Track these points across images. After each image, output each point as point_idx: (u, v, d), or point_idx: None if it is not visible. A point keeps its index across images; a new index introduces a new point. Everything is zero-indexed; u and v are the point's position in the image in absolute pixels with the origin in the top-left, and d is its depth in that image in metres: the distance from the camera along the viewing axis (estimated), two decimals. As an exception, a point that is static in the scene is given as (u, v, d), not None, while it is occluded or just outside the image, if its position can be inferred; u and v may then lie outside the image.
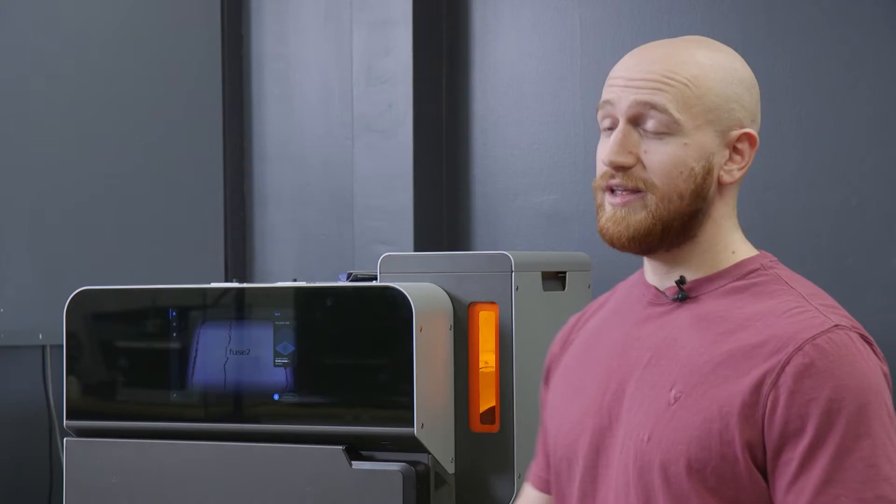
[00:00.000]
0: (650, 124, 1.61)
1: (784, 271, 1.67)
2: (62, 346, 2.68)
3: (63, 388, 2.67)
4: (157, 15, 3.53)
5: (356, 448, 2.44)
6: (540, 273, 2.58)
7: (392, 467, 2.39)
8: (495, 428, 2.50)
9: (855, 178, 2.93)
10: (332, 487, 2.42)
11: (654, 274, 1.69)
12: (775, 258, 1.70)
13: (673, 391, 1.59)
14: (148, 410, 2.61)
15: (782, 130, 2.99)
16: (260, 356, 2.52)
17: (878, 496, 1.50)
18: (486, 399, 2.52)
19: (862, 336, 1.58)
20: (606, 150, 1.63)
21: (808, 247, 2.95)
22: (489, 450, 2.49)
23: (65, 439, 2.66)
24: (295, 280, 2.74)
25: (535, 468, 1.87)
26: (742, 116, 1.65)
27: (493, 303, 2.49)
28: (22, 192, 3.25)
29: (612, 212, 1.64)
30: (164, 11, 3.53)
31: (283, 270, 3.52)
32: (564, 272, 2.66)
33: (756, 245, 1.73)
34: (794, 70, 2.98)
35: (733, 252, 1.67)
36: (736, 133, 1.64)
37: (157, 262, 3.43)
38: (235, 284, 2.61)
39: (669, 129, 1.61)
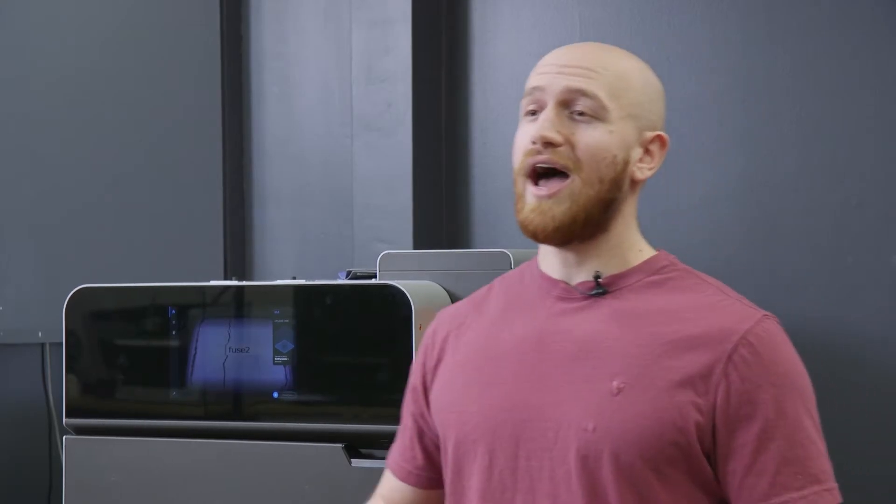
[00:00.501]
0: (579, 109, 1.67)
1: (690, 268, 1.74)
2: (62, 344, 2.68)
3: (62, 386, 2.67)
4: (156, 14, 3.53)
5: (355, 446, 2.44)
6: (539, 271, 2.57)
7: (391, 465, 2.38)
8: (495, 426, 2.49)
9: (854, 177, 2.93)
10: (332, 485, 2.42)
11: (562, 268, 1.73)
12: (675, 257, 1.76)
13: (615, 382, 1.64)
14: (147, 408, 2.61)
15: (782, 129, 2.99)
16: (259, 354, 2.52)
17: (822, 469, 1.65)
18: (486, 397, 2.51)
19: (778, 322, 1.69)
20: (536, 127, 1.68)
21: (808, 246, 2.95)
22: (488, 448, 2.48)
23: (64, 437, 2.66)
24: (294, 278, 2.74)
25: (401, 461, 1.89)
26: (656, 120, 1.73)
27: (492, 301, 2.49)
28: (22, 191, 3.25)
29: (537, 203, 1.68)
30: (163, 11, 3.54)
31: (283, 269, 3.52)
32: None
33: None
34: (793, 69, 2.98)
35: (640, 250, 1.73)
36: (650, 134, 1.71)
37: (157, 261, 3.43)
38: (235, 283, 2.61)
39: (598, 115, 1.67)
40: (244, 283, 2.61)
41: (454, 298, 2.50)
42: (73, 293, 2.66)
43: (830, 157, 2.95)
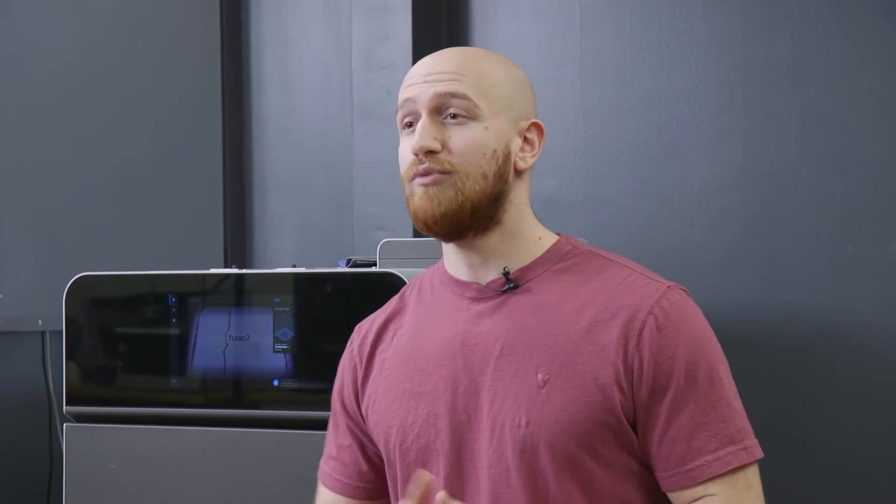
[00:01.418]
0: (452, 112, 1.72)
1: (592, 248, 1.79)
2: (62, 331, 2.68)
3: (63, 373, 2.67)
4: (156, 2, 3.52)
5: (355, 433, 2.44)
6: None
7: (391, 453, 2.39)
8: (494, 413, 2.50)
9: (855, 166, 2.92)
10: (332, 473, 2.42)
11: (468, 269, 1.77)
12: (573, 237, 1.81)
13: (540, 374, 1.69)
14: (147, 396, 2.61)
15: (782, 118, 2.98)
16: (259, 342, 2.52)
17: (738, 429, 1.69)
18: (486, 385, 2.52)
19: (685, 291, 1.74)
20: (414, 138, 1.73)
21: (809, 235, 2.95)
22: (488, 435, 2.49)
23: (64, 425, 2.66)
24: (294, 266, 2.74)
25: (335, 473, 1.91)
26: (528, 109, 1.77)
27: (492, 288, 2.49)
28: (21, 179, 3.25)
29: (424, 191, 1.72)
30: (163, -2, 3.53)
31: (283, 256, 3.52)
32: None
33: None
34: (793, 57, 2.98)
35: (539, 238, 1.77)
36: (525, 123, 1.76)
37: (157, 249, 3.43)
38: (235, 270, 2.61)
39: (470, 115, 1.72)
40: (244, 270, 2.61)
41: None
42: (74, 281, 2.66)
43: (831, 146, 2.95)
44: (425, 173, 1.72)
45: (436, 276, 1.84)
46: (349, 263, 2.67)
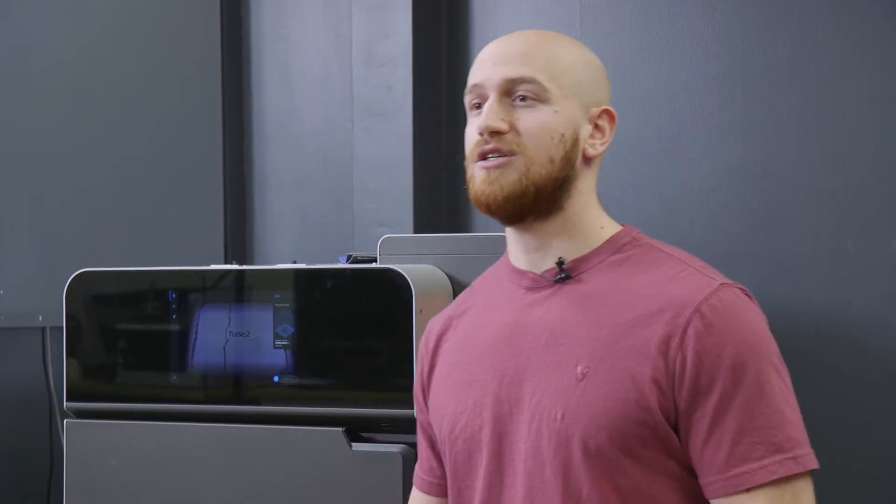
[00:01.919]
0: (521, 94, 1.70)
1: (654, 241, 1.75)
2: (62, 328, 2.68)
3: (63, 369, 2.67)
4: (156, -2, 3.52)
5: (356, 430, 2.44)
6: (539, 256, 2.57)
7: (392, 449, 2.39)
8: (495, 410, 2.50)
9: (855, 163, 2.93)
10: (332, 469, 2.42)
11: (525, 256, 1.75)
12: (639, 230, 1.77)
13: (579, 367, 1.65)
14: (148, 392, 2.61)
15: (782, 116, 2.98)
16: (260, 338, 2.52)
17: (787, 437, 1.61)
18: (486, 381, 2.52)
19: (742, 290, 1.67)
20: (481, 118, 1.70)
21: (808, 232, 2.95)
22: (488, 432, 2.49)
23: (65, 421, 2.66)
24: (295, 262, 2.74)
25: (421, 472, 1.91)
26: (601, 96, 1.75)
27: (492, 285, 2.49)
28: (22, 175, 3.25)
29: (486, 174, 1.70)
30: (163, -6, 3.53)
31: (283, 253, 3.52)
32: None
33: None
34: (793, 55, 2.98)
35: (602, 227, 1.75)
36: (597, 110, 1.74)
37: (157, 245, 3.43)
38: (235, 266, 2.61)
39: (540, 97, 1.70)
40: (244, 266, 2.61)
41: (454, 282, 2.51)
42: (74, 277, 2.66)
43: (830, 143, 2.95)
44: (490, 153, 1.70)
45: (502, 266, 1.82)
46: (349, 259, 2.67)
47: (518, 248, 1.77)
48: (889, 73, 2.90)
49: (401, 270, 2.40)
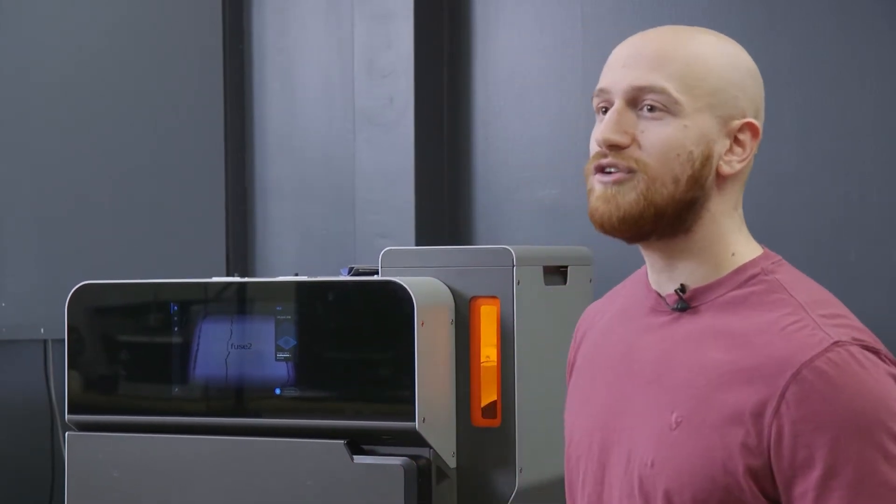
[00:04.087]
0: (648, 104, 1.52)
1: (786, 275, 1.56)
2: (64, 340, 2.68)
3: (65, 382, 2.67)
4: (158, 9, 3.53)
5: (357, 442, 2.44)
6: (541, 267, 2.57)
7: (393, 461, 2.39)
8: (497, 422, 2.50)
9: (856, 172, 2.93)
10: (334, 481, 2.42)
11: (653, 274, 1.60)
12: (779, 258, 1.60)
13: (674, 414, 1.51)
14: (149, 405, 2.61)
15: (783, 122, 2.98)
16: (261, 350, 2.52)
17: None
18: (488, 393, 2.52)
19: (866, 347, 1.47)
20: (601, 128, 1.54)
21: (810, 241, 2.95)
22: (490, 444, 2.49)
23: (66, 433, 2.66)
24: (296, 274, 2.74)
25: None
26: (745, 106, 1.55)
27: (494, 297, 2.49)
28: (24, 187, 3.25)
29: (603, 190, 1.53)
30: (165, 6, 3.54)
31: (285, 265, 3.52)
32: (566, 266, 2.66)
33: (760, 239, 1.67)
34: (795, 63, 2.98)
35: (733, 254, 1.56)
36: (738, 122, 1.54)
37: (159, 257, 3.43)
38: (237, 279, 2.61)
39: (668, 110, 1.52)
40: (246, 279, 2.61)
41: (456, 295, 2.50)
42: (75, 289, 2.66)
43: (832, 152, 2.95)
44: (608, 168, 1.52)
45: (640, 273, 1.67)
46: (351, 272, 2.67)
47: (647, 261, 1.61)
48: (891, 80, 2.90)
49: (403, 283, 2.40)
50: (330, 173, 3.50)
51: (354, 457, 2.42)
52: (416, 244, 3.26)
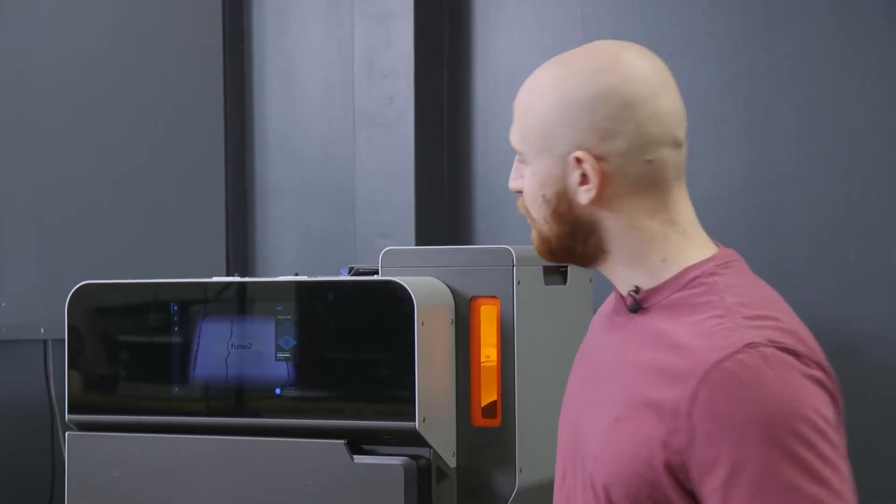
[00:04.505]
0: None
1: (726, 278, 1.59)
2: (64, 340, 2.68)
3: (65, 382, 2.67)
4: (158, 10, 3.53)
5: (358, 442, 2.44)
6: (541, 267, 2.57)
7: (393, 461, 2.39)
8: (497, 422, 2.50)
9: (857, 172, 2.93)
10: (334, 481, 2.42)
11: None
12: (729, 261, 1.63)
13: (615, 411, 1.56)
14: (149, 405, 2.61)
15: (783, 122, 2.98)
16: (261, 350, 2.52)
17: None
18: (488, 393, 2.52)
19: (783, 348, 1.50)
20: None
21: (810, 241, 2.95)
22: (491, 444, 2.49)
23: (66, 433, 2.66)
24: (296, 274, 2.74)
25: None
26: (577, 139, 1.58)
27: (494, 297, 2.49)
28: (24, 187, 3.25)
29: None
30: (165, 6, 3.54)
31: (285, 264, 3.52)
32: (566, 267, 2.66)
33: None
34: (795, 64, 2.98)
35: (664, 260, 1.60)
36: (571, 158, 1.58)
37: (159, 257, 3.43)
38: (237, 279, 2.61)
39: (524, 160, 1.64)
40: (246, 279, 2.61)
41: (456, 295, 2.50)
42: (76, 289, 2.66)
43: (832, 153, 2.95)
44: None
45: None
46: (351, 272, 2.67)
47: None
48: (891, 81, 2.90)
49: (403, 283, 2.40)
50: (330, 173, 3.50)
51: (354, 457, 2.42)
52: (416, 244, 3.26)
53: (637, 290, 1.61)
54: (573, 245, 1.62)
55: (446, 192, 3.37)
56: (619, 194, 1.59)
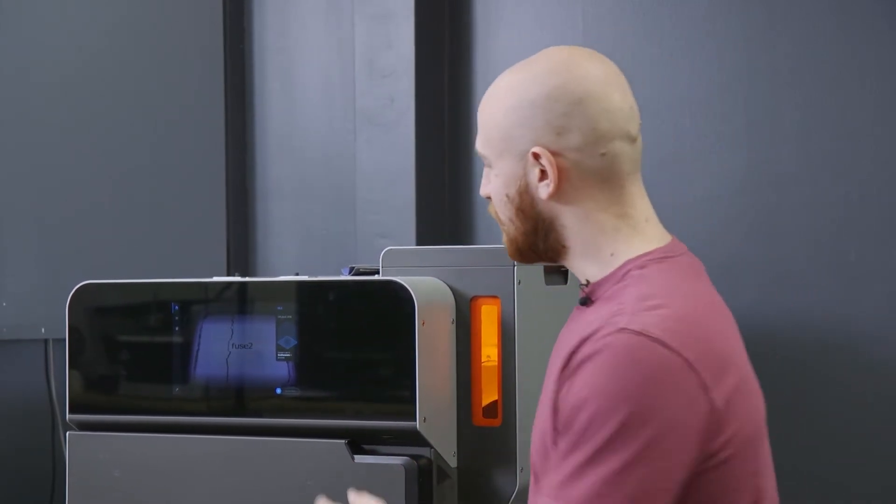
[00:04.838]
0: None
1: (650, 270, 1.67)
2: (64, 340, 2.68)
3: (65, 382, 2.67)
4: (159, 10, 3.53)
5: (358, 442, 2.44)
6: (542, 267, 2.58)
7: (394, 461, 2.39)
8: (497, 422, 2.50)
9: (857, 172, 2.93)
10: (335, 481, 2.42)
11: None
12: (663, 256, 1.69)
13: (550, 387, 1.66)
14: (150, 404, 2.61)
15: (783, 122, 2.98)
16: (262, 350, 2.52)
17: (570, 497, 1.55)
18: (489, 393, 2.52)
19: (655, 340, 1.56)
20: None
21: (810, 241, 2.95)
22: (491, 444, 2.49)
23: (67, 433, 2.66)
24: (297, 274, 2.74)
25: None
26: (534, 136, 1.68)
27: (495, 297, 2.49)
28: (24, 186, 3.25)
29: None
30: (166, 6, 3.54)
31: (286, 264, 3.52)
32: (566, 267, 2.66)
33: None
34: (795, 65, 2.98)
35: (612, 254, 1.70)
36: (529, 154, 1.68)
37: (160, 257, 3.43)
38: (238, 278, 2.61)
39: (488, 164, 1.73)
40: (247, 279, 2.61)
41: (457, 294, 2.50)
42: (76, 289, 2.66)
43: (832, 154, 2.95)
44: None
45: None
46: (352, 271, 2.67)
47: None
48: (891, 81, 2.90)
49: (403, 283, 2.40)
50: (330, 173, 3.50)
51: (355, 456, 2.42)
52: (417, 244, 3.26)
53: (588, 283, 1.71)
54: (536, 241, 1.72)
55: (446, 192, 3.37)
56: (577, 187, 1.68)
